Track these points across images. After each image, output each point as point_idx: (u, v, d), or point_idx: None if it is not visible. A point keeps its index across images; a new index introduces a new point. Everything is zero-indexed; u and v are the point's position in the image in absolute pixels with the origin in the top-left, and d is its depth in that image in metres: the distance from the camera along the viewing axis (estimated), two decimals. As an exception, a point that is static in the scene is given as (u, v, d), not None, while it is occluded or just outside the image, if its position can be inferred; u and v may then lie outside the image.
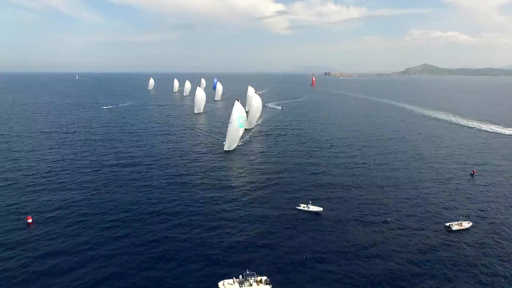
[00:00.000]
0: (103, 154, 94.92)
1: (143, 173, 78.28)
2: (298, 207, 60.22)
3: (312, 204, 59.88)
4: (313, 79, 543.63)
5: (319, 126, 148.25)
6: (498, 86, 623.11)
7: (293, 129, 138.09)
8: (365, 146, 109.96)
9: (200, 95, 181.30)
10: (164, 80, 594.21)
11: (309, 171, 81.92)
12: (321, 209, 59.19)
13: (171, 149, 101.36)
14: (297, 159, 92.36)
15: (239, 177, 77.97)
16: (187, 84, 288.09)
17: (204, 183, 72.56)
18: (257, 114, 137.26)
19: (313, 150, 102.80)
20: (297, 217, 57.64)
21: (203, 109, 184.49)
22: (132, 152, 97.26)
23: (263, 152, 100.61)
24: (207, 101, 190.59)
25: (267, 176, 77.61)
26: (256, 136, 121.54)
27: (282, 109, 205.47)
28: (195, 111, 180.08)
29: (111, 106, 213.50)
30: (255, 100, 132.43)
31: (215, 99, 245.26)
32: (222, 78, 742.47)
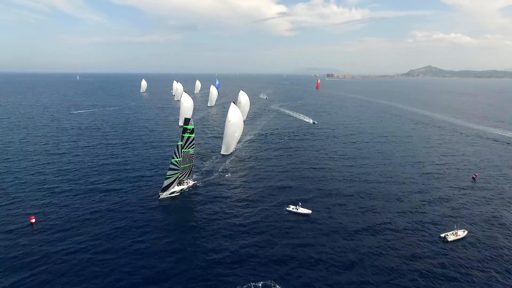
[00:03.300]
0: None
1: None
2: (288, 209, 57.42)
3: (302, 206, 57.35)
4: (318, 81, 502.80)
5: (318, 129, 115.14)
6: (503, 88, 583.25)
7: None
8: (361, 149, 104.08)
9: (186, 102, 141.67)
10: (164, 82, 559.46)
11: (302, 175, 77.06)
12: (310, 211, 56.64)
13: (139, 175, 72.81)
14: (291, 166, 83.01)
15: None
16: (179, 87, 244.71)
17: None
18: (237, 134, 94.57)
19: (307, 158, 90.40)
20: (286, 218, 54.41)
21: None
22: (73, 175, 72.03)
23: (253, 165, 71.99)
24: (201, 107, 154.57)
25: (254, 184, 71.47)
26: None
27: (314, 123, 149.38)
28: (180, 123, 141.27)
29: (82, 111, 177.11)
30: (233, 114, 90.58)
31: (209, 105, 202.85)
32: (224, 80, 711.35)
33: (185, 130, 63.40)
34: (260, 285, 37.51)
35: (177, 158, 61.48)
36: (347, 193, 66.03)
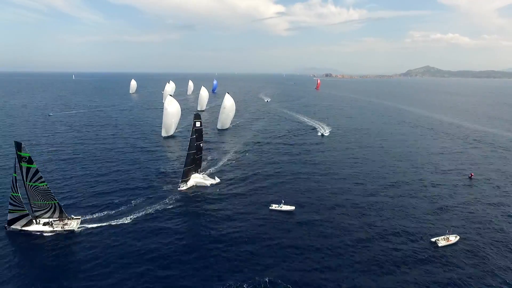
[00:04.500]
0: None
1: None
2: (270, 208, 55.50)
3: (285, 204, 55.73)
4: (318, 81, 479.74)
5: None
6: (501, 89, 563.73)
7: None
8: (351, 148, 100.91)
9: (171, 108, 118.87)
10: (162, 82, 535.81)
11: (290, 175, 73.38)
12: (293, 208, 55.41)
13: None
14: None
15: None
16: (168, 88, 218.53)
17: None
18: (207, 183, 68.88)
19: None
20: (270, 217, 52.81)
21: (175, 129, 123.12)
22: None
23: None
24: (193, 111, 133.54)
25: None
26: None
27: (323, 135, 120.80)
28: (163, 134, 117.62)
29: (62, 113, 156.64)
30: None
31: (199, 108, 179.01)
32: (223, 80, 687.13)
33: (20, 159, 46.80)
34: (266, 280, 36.71)
35: (15, 193, 46.89)
36: (336, 194, 63.49)
